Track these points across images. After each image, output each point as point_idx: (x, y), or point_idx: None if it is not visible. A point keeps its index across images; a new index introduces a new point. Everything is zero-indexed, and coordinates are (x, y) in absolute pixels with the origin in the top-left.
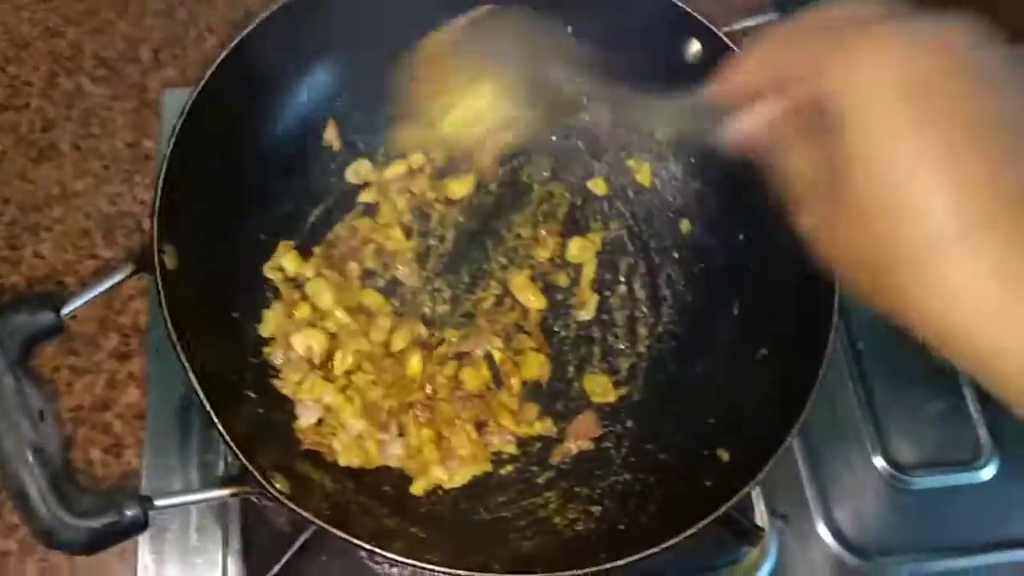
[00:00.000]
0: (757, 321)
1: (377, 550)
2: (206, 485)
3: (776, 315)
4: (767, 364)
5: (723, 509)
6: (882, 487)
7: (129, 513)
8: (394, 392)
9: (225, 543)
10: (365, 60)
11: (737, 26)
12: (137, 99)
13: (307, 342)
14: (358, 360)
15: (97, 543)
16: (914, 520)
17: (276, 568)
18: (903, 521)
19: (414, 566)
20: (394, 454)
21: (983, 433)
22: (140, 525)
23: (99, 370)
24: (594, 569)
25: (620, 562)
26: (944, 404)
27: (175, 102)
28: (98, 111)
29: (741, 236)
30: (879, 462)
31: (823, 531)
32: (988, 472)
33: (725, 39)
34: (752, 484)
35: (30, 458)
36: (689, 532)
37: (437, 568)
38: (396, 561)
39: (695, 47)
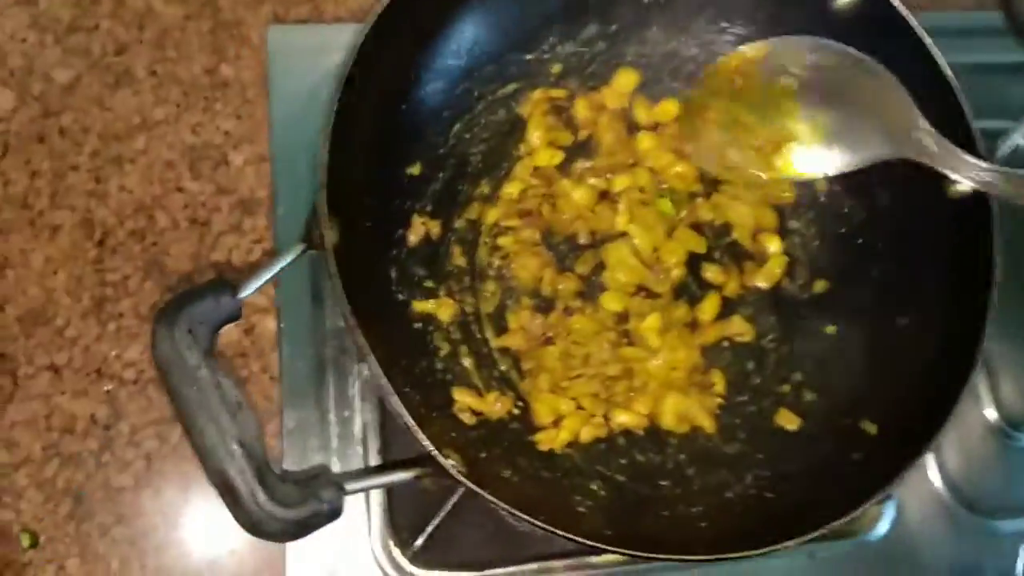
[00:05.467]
0: (897, 289)
1: (548, 527)
2: (343, 451)
3: (919, 284)
4: (909, 334)
5: (886, 491)
6: (995, 442)
7: (327, 501)
8: None
9: (367, 506)
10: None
11: None
12: (212, 19)
13: None
14: None
15: (301, 532)
16: None
17: (429, 529)
18: (1018, 477)
19: (569, 539)
20: None
21: None
22: (337, 512)
23: None
24: (762, 551)
25: (790, 543)
26: None
27: (280, 41)
28: (172, 33)
29: (881, 197)
30: (992, 415)
31: (939, 486)
32: None
33: None
34: (912, 463)
35: (235, 450)
36: (852, 515)
37: (592, 543)
38: (560, 535)
39: None
